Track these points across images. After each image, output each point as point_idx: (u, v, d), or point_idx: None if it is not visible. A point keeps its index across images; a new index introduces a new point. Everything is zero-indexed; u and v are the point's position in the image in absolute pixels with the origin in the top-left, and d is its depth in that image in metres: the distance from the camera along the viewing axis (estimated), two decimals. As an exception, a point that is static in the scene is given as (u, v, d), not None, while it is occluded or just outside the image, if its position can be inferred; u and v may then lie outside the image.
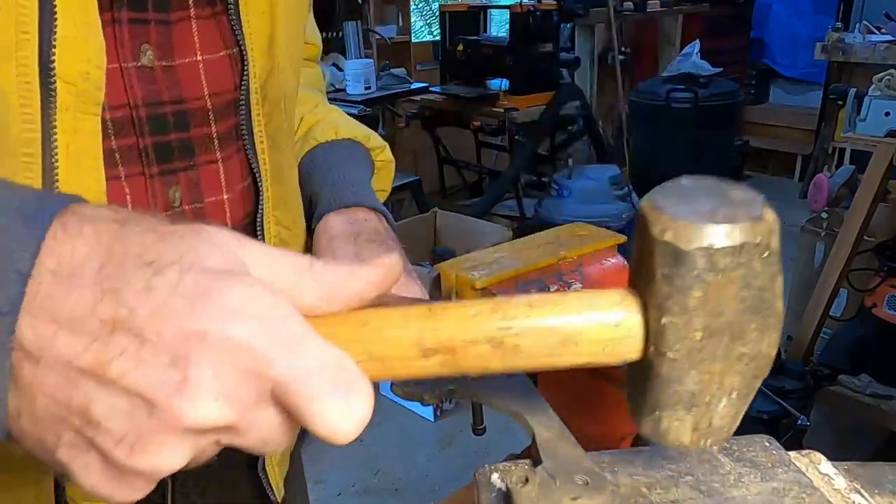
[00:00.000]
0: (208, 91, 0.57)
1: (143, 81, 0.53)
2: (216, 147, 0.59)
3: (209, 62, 0.57)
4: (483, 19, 4.20)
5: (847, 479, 0.47)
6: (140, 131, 0.53)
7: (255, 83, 0.59)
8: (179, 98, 0.55)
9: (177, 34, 0.54)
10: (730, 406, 0.34)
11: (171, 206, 0.57)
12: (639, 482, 0.45)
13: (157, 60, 0.53)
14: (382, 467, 2.47)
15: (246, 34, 0.57)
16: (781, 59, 5.57)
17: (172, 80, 0.54)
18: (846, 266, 2.29)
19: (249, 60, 0.58)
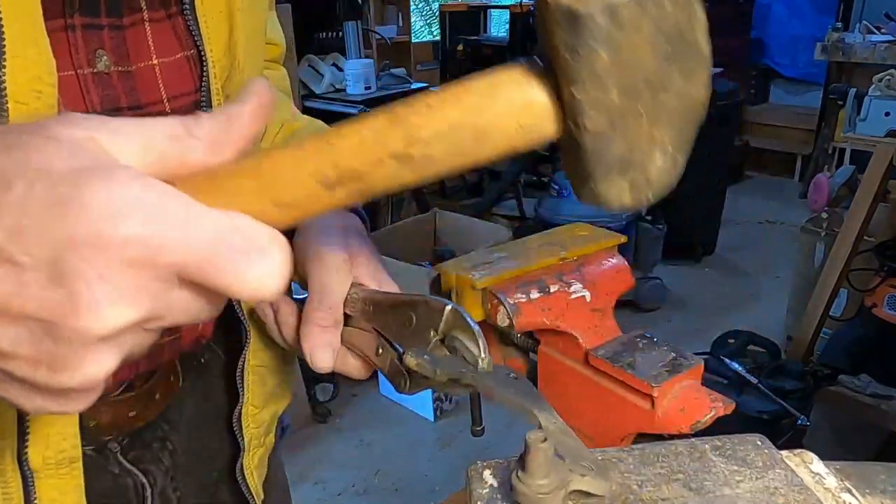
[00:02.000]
0: (166, 95, 0.56)
1: (100, 87, 0.52)
2: None
3: (166, 65, 0.55)
4: (483, 19, 4.20)
5: (838, 479, 0.47)
6: None
7: (216, 83, 0.58)
8: (137, 103, 0.54)
9: (131, 38, 0.53)
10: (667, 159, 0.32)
11: None
12: (630, 479, 0.45)
13: (113, 66, 0.52)
14: (382, 467, 2.47)
15: (204, 34, 0.56)
16: (781, 59, 5.57)
17: (129, 85, 0.53)
18: (846, 266, 2.29)
19: (209, 61, 0.57)
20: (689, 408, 0.70)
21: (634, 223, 3.36)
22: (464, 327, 0.49)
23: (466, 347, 0.49)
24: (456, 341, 0.49)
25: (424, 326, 0.51)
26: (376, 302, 0.55)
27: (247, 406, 0.70)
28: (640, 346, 0.77)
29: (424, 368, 0.49)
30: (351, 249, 0.58)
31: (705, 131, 0.34)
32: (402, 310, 0.53)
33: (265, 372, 0.71)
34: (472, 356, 0.49)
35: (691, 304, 3.58)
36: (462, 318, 0.49)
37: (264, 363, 0.71)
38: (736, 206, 4.58)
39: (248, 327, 0.67)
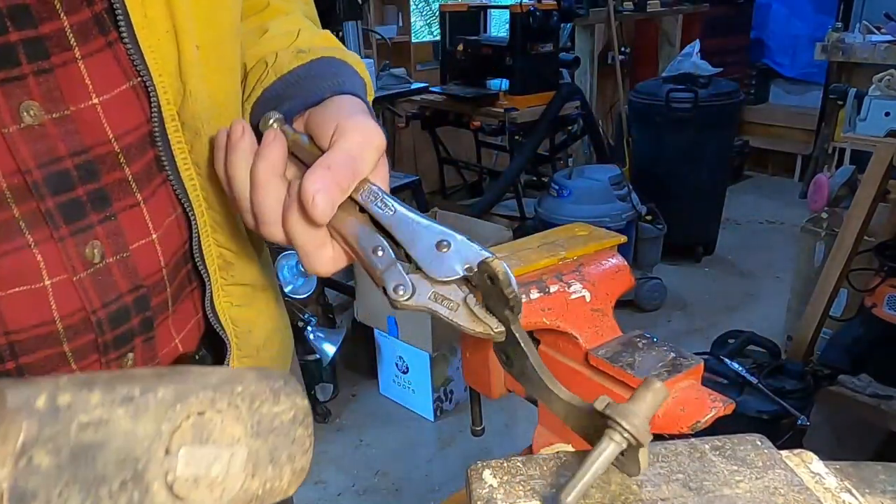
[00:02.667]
0: (113, 133, 0.52)
1: (31, 142, 0.48)
2: (134, 189, 0.54)
3: (108, 102, 0.51)
4: (483, 19, 4.19)
5: (838, 479, 0.47)
6: (38, 194, 0.49)
7: (171, 110, 0.54)
8: (80, 148, 0.50)
9: (64, 79, 0.49)
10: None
11: (91, 264, 0.52)
12: (629, 479, 0.45)
13: (46, 114, 0.48)
14: (382, 467, 2.47)
15: (150, 61, 0.52)
16: (781, 59, 5.57)
17: (68, 130, 0.49)
18: (846, 266, 2.29)
19: (157, 88, 0.53)
20: (689, 408, 0.70)
21: (634, 223, 3.36)
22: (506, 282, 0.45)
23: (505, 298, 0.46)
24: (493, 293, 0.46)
25: (459, 258, 0.47)
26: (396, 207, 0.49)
27: None
28: (640, 346, 0.77)
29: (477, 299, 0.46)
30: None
31: (705, 131, 0.34)
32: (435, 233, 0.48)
33: None
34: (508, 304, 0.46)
35: (691, 304, 3.58)
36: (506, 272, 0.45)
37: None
38: (736, 206, 4.58)
39: (228, 338, 0.66)
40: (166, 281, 0.60)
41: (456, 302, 0.48)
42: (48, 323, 0.52)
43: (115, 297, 0.55)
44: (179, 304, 0.63)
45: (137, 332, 0.58)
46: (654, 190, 3.65)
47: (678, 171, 3.75)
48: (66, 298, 0.52)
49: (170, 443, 0.25)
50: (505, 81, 3.68)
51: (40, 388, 0.23)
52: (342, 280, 3.16)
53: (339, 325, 2.95)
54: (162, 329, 0.62)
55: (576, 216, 3.08)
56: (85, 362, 0.56)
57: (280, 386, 0.28)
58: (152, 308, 0.59)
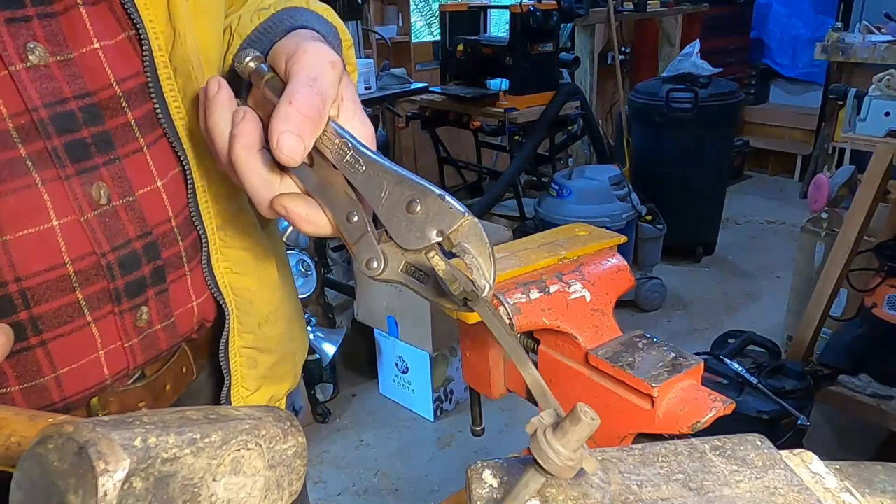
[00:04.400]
0: (115, 77, 0.53)
1: (37, 81, 0.49)
2: (138, 134, 0.56)
3: (109, 48, 0.53)
4: (483, 19, 4.19)
5: (838, 479, 0.47)
6: (45, 133, 0.50)
7: (162, 57, 0.55)
8: (84, 91, 0.52)
9: (67, 24, 0.51)
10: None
11: (98, 205, 0.54)
12: (630, 480, 0.45)
13: (51, 56, 0.50)
14: (382, 467, 2.47)
15: (141, 6, 0.53)
16: (781, 59, 5.57)
17: (73, 73, 0.51)
18: (846, 266, 2.29)
19: (149, 34, 0.54)
20: (689, 408, 0.70)
21: (634, 223, 3.36)
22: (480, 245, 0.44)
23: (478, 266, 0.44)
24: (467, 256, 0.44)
25: (429, 221, 0.45)
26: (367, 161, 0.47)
27: (237, 388, 0.69)
28: (640, 346, 0.76)
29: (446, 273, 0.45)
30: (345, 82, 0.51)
31: (705, 131, 0.34)
32: (405, 191, 0.46)
33: (254, 353, 0.70)
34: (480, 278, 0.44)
35: (691, 304, 3.58)
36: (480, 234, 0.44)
37: (253, 345, 0.69)
38: (736, 206, 4.58)
39: (227, 307, 0.66)
40: (177, 234, 0.60)
41: (426, 273, 0.46)
42: (59, 266, 0.53)
43: (123, 241, 0.56)
44: (195, 265, 0.63)
45: (150, 282, 0.59)
46: (654, 190, 3.65)
47: (678, 171, 3.74)
48: (76, 240, 0.53)
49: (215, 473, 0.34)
50: (505, 81, 3.67)
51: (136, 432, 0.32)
52: (342, 280, 3.16)
53: (339, 325, 2.95)
54: (178, 287, 0.62)
55: (576, 216, 3.08)
56: (99, 313, 0.56)
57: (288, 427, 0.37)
58: (163, 259, 0.59)
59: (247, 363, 0.69)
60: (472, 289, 0.45)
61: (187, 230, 0.62)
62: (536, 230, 0.94)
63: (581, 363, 0.78)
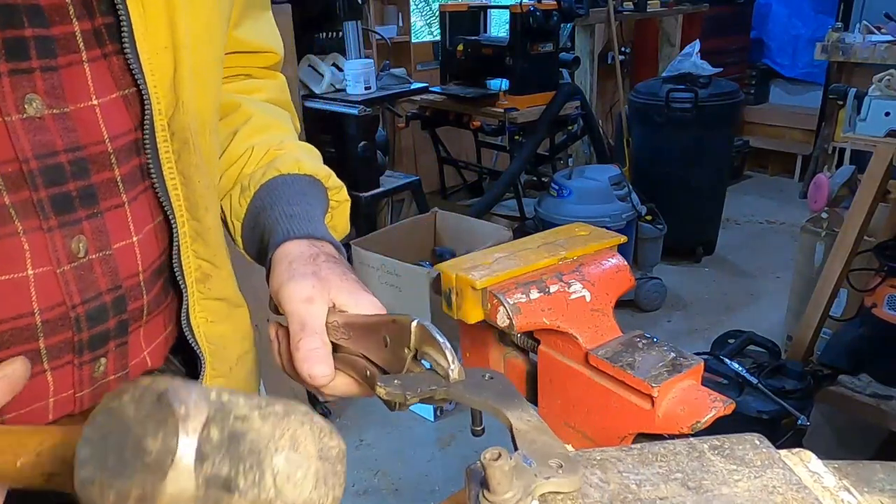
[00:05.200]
0: (108, 134, 0.55)
1: (31, 132, 0.50)
2: (121, 190, 0.57)
3: (106, 105, 0.54)
4: (483, 19, 4.19)
5: (836, 478, 0.47)
6: (32, 184, 0.51)
7: (162, 120, 0.57)
8: (76, 145, 0.53)
9: (68, 79, 0.52)
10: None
11: (76, 258, 0.55)
12: (628, 479, 0.45)
13: (47, 109, 0.51)
14: (382, 467, 2.47)
15: (147, 71, 0.55)
16: (781, 59, 5.57)
17: (66, 126, 0.52)
18: (846, 266, 2.29)
19: (152, 98, 0.56)
20: (689, 408, 0.70)
21: (634, 223, 3.36)
22: (430, 341, 0.50)
23: (436, 361, 0.50)
24: (426, 356, 0.51)
25: (398, 344, 0.52)
26: (354, 326, 0.56)
27: None
28: (640, 346, 0.76)
29: (395, 395, 0.51)
30: (321, 276, 0.58)
31: (705, 131, 0.34)
32: (375, 331, 0.54)
33: None
34: (442, 368, 0.50)
35: (691, 304, 3.58)
36: (427, 332, 0.50)
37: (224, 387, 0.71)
38: (736, 206, 4.58)
39: (202, 355, 0.67)
40: (143, 288, 0.61)
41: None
42: (27, 315, 0.53)
43: (94, 294, 0.56)
44: (153, 316, 0.64)
45: (113, 335, 0.59)
46: (654, 190, 3.65)
47: (678, 171, 3.74)
48: (48, 291, 0.53)
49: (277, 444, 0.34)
50: (505, 81, 3.68)
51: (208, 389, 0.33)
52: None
53: (339, 325, 2.95)
54: (134, 339, 0.62)
55: (576, 216, 3.08)
56: (58, 362, 0.56)
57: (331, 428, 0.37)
58: (128, 312, 0.60)
59: None
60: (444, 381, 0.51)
61: (153, 285, 0.63)
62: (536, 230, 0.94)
63: (581, 363, 0.78)
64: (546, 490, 0.41)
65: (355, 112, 2.93)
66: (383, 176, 3.22)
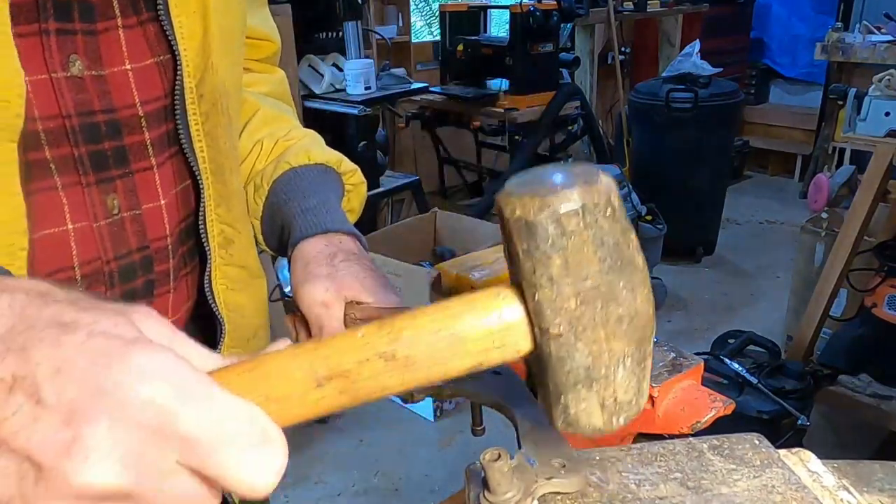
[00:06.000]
0: (139, 99, 0.57)
1: (73, 91, 0.53)
2: (150, 154, 0.59)
3: (138, 70, 0.57)
4: (483, 19, 4.19)
5: (835, 477, 0.47)
6: (74, 140, 0.53)
7: (191, 82, 0.59)
8: (110, 107, 0.55)
9: (104, 44, 0.54)
10: (629, 375, 0.35)
11: (111, 214, 0.57)
12: (628, 479, 0.45)
13: (87, 70, 0.53)
14: (382, 467, 2.47)
15: (178, 36, 0.57)
16: (781, 59, 5.57)
17: (102, 89, 0.55)
18: (846, 266, 2.29)
19: (182, 61, 0.58)
20: (689, 408, 0.70)
21: (634, 223, 3.36)
22: None
23: None
24: None
25: None
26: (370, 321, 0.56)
27: None
28: (640, 346, 0.76)
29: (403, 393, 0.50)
30: (337, 276, 0.60)
31: (705, 131, 0.34)
32: None
33: None
34: None
35: (691, 304, 3.58)
36: None
37: None
38: (736, 206, 4.58)
39: (223, 322, 0.67)
40: (170, 250, 0.63)
41: None
42: (67, 269, 0.55)
43: (125, 251, 0.59)
44: (178, 282, 0.65)
45: (140, 293, 0.61)
46: (654, 190, 3.64)
47: (678, 171, 3.74)
48: (86, 245, 0.56)
49: None
50: (505, 81, 3.67)
51: None
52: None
53: (339, 325, 2.95)
54: (160, 302, 0.64)
55: (576, 216, 3.08)
56: None
57: None
58: (155, 273, 0.62)
59: None
60: None
61: (178, 249, 0.64)
62: (536, 230, 0.93)
63: (581, 363, 0.78)
64: (547, 491, 0.41)
65: (355, 112, 2.93)
66: (383, 176, 3.22)
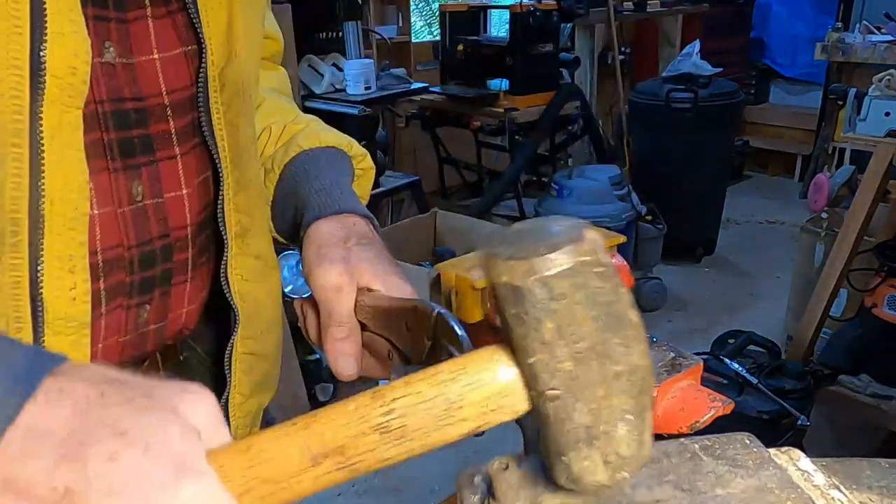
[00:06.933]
0: (165, 88, 0.58)
1: (107, 77, 0.54)
2: (175, 143, 0.60)
3: (166, 60, 0.58)
4: (483, 19, 4.20)
5: (826, 476, 0.47)
6: (105, 126, 0.55)
7: (213, 71, 0.59)
8: (139, 95, 0.56)
9: (134, 32, 0.55)
10: (630, 429, 0.34)
11: (134, 201, 0.58)
12: (622, 482, 0.45)
13: (118, 57, 0.54)
14: (382, 467, 2.47)
15: (204, 24, 0.58)
16: (781, 59, 5.56)
17: (132, 77, 0.56)
18: (846, 266, 2.29)
19: (207, 50, 0.58)
20: (688, 408, 0.70)
21: (634, 223, 3.36)
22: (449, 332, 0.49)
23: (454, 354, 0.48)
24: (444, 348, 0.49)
25: (418, 332, 0.51)
26: (379, 309, 0.56)
27: (233, 394, 0.70)
28: (640, 346, 0.76)
29: None
30: (350, 260, 0.59)
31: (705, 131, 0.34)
32: (398, 316, 0.53)
33: (253, 360, 0.71)
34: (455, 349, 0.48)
35: (691, 304, 3.58)
36: (447, 322, 0.49)
37: (252, 351, 0.71)
38: (736, 206, 4.57)
39: (237, 312, 0.67)
40: (189, 240, 0.63)
41: None
42: (91, 254, 0.55)
43: (147, 239, 0.59)
44: (195, 272, 0.66)
45: (158, 282, 0.62)
46: (654, 190, 3.64)
47: (678, 171, 3.74)
48: (109, 231, 0.56)
49: None
50: (505, 81, 3.67)
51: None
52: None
53: (339, 325, 2.94)
54: (177, 291, 0.64)
55: (576, 216, 3.08)
56: (112, 304, 0.58)
57: None
58: (174, 261, 0.62)
59: (245, 369, 0.70)
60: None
61: (197, 239, 0.65)
62: (536, 230, 0.93)
63: (581, 363, 0.78)
64: (553, 502, 0.41)
65: (355, 112, 2.93)
66: (383, 176, 3.22)
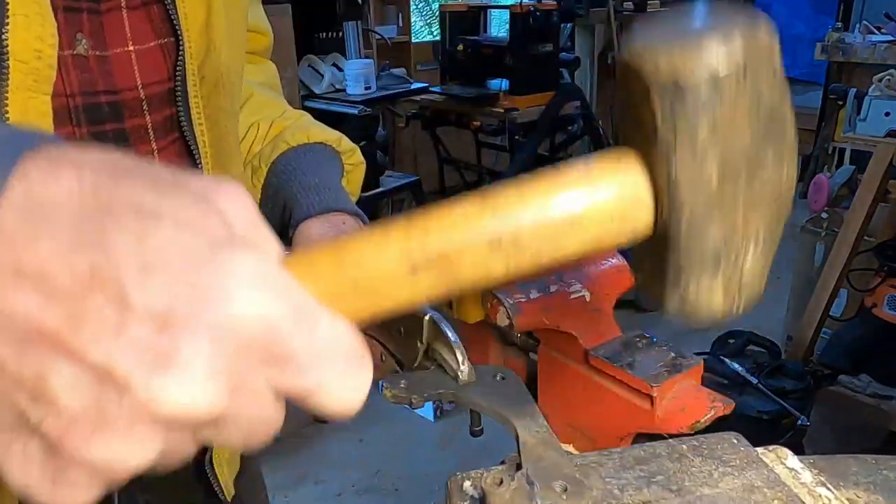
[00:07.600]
0: (141, 81, 0.57)
1: (79, 70, 0.53)
2: (151, 138, 0.59)
3: (141, 52, 0.56)
4: (483, 19, 4.20)
5: (813, 473, 0.47)
6: (76, 120, 0.53)
7: (192, 65, 0.58)
8: (113, 88, 0.55)
9: (108, 24, 0.54)
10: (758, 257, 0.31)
11: None
12: (611, 484, 0.45)
13: (91, 50, 0.53)
14: (382, 467, 2.47)
15: (181, 16, 0.57)
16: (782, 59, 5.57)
17: (105, 70, 0.54)
18: (846, 266, 2.29)
19: (185, 43, 0.57)
20: (688, 408, 0.70)
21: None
22: (441, 338, 0.48)
23: (446, 360, 0.49)
24: (436, 353, 0.49)
25: (411, 336, 0.51)
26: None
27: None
28: (640, 346, 0.77)
29: (400, 398, 0.49)
30: None
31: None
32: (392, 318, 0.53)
33: None
34: (452, 368, 0.49)
35: (691, 304, 3.57)
36: (438, 328, 0.48)
37: None
38: (736, 206, 4.57)
39: None
40: None
41: None
42: None
43: None
44: None
45: None
46: (654, 190, 3.64)
47: (678, 171, 3.74)
48: None
49: None
50: (505, 81, 3.67)
51: None
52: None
53: (339, 325, 2.95)
54: None
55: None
56: None
57: None
58: None
59: None
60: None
61: None
62: (536, 230, 0.93)
63: (581, 363, 0.78)
64: None
65: (355, 112, 2.93)
66: (383, 176, 3.22)
